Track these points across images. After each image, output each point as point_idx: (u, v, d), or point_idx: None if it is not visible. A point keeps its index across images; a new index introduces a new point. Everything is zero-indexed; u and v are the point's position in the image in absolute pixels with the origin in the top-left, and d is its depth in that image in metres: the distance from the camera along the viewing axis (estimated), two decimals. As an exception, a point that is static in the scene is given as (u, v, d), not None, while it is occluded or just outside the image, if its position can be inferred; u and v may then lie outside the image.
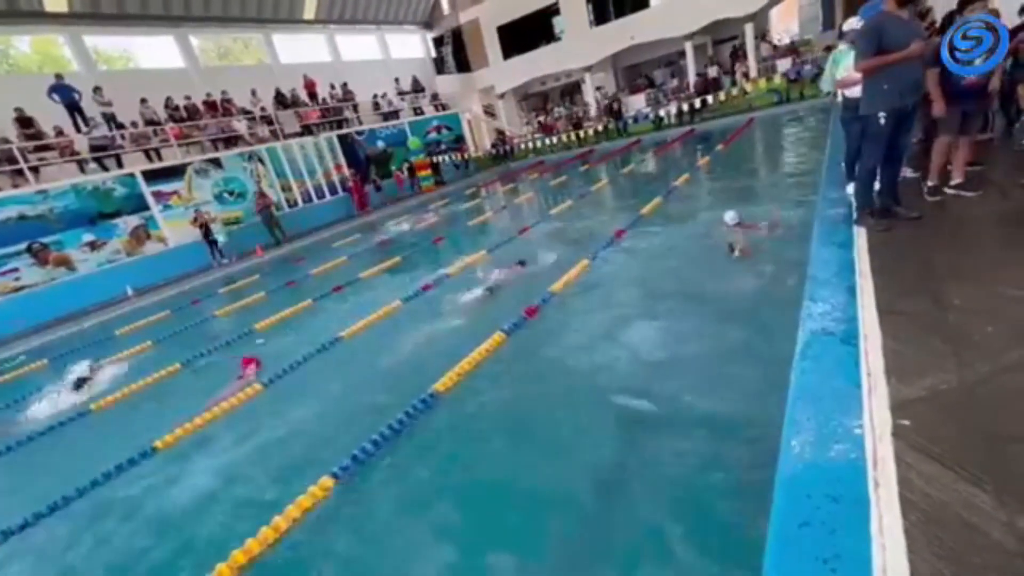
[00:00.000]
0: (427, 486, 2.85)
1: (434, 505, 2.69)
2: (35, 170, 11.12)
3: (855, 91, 4.18)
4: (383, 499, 2.80)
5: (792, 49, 17.20)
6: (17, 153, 10.78)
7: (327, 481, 2.82)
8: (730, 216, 5.56)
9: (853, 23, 4.54)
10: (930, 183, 3.98)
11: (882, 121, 3.44)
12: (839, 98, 5.06)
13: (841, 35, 5.06)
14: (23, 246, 10.43)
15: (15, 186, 10.75)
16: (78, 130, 12.16)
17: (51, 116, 11.78)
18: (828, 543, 1.45)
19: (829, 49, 10.38)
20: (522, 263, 6.31)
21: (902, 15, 3.31)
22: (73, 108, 12.11)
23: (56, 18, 13.04)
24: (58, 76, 12.08)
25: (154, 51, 15.66)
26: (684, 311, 4.17)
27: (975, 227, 3.39)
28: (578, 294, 5.11)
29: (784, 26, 21.70)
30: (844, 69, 4.66)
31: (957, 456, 1.59)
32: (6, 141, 10.98)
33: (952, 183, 3.99)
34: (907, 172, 4.69)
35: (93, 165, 12.02)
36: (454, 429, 3.34)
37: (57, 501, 3.36)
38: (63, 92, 11.93)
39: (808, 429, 1.88)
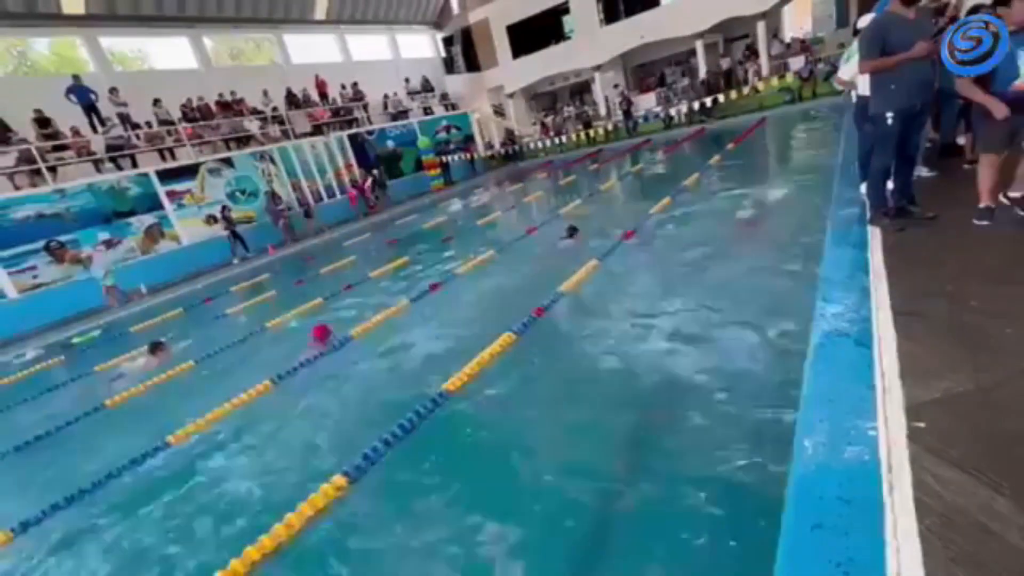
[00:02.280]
0: (437, 485, 2.87)
1: (446, 504, 2.71)
2: (53, 170, 11.33)
3: (867, 90, 4.14)
4: (395, 497, 2.82)
5: (805, 47, 17.00)
6: (35, 153, 10.99)
7: (339, 480, 2.84)
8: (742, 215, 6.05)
9: (868, 20, 4.49)
10: (981, 204, 3.35)
11: (889, 121, 3.40)
12: (853, 97, 5.00)
13: (856, 32, 5.00)
14: (41, 244, 10.63)
15: (33, 185, 10.96)
16: (94, 130, 12.36)
17: (68, 116, 11.99)
18: (841, 546, 1.43)
19: (843, 47, 10.26)
20: (572, 231, 6.80)
21: (908, 14, 3.28)
22: (89, 109, 12.31)
23: (73, 20, 13.26)
24: (75, 77, 12.29)
25: (168, 52, 15.88)
26: (694, 312, 4.14)
27: (992, 227, 3.33)
28: (587, 294, 5.10)
29: (797, 23, 21.46)
30: (850, 67, 4.61)
31: (974, 460, 1.57)
32: (25, 141, 11.20)
33: (1010, 194, 3.39)
34: (923, 171, 4.62)
35: (109, 165, 12.22)
36: (463, 428, 3.36)
37: (74, 494, 3.42)
38: (80, 93, 12.13)
39: (821, 431, 1.87)
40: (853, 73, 4.58)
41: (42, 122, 11.60)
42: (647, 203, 8.00)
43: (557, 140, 18.24)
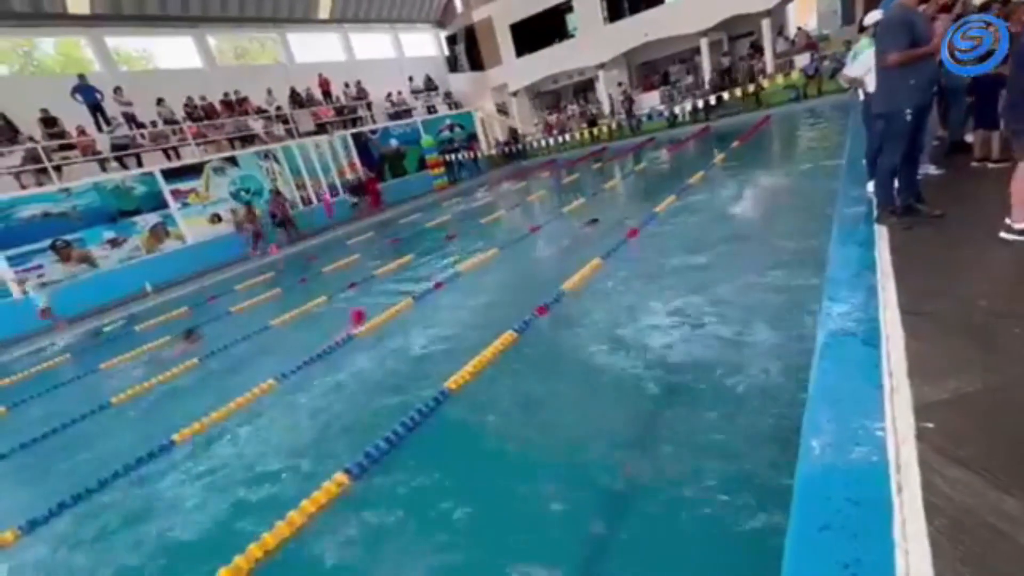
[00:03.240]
0: (439, 482, 2.86)
1: (447, 502, 2.70)
2: (58, 169, 11.38)
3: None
4: (397, 495, 2.82)
5: (810, 43, 16.88)
6: (41, 152, 11.05)
7: (341, 477, 2.84)
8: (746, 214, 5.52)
9: (876, 17, 4.45)
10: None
11: (908, 118, 3.38)
12: (860, 95, 4.96)
13: (862, 29, 4.95)
14: (47, 243, 10.69)
15: (40, 184, 11.03)
16: (100, 130, 12.42)
17: (74, 116, 12.05)
18: (849, 547, 1.42)
19: (849, 44, 10.19)
20: (593, 221, 7.52)
21: (918, 9, 3.30)
22: (95, 108, 12.37)
23: (79, 20, 13.32)
24: (81, 77, 12.35)
25: (173, 51, 15.92)
26: (697, 310, 4.12)
27: (1002, 225, 3.30)
28: (590, 293, 5.08)
29: (802, 21, 21.33)
30: (859, 65, 4.57)
31: (984, 460, 1.55)
32: (31, 140, 11.26)
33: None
34: (931, 169, 4.59)
35: (114, 164, 12.28)
36: (466, 426, 3.35)
37: (80, 492, 3.43)
38: (86, 92, 12.19)
39: (828, 431, 1.84)
40: (862, 71, 4.55)
41: (48, 121, 11.66)
42: (651, 202, 7.97)
43: (561, 139, 18.21)
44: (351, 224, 14.77)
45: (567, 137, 17.92)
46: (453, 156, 18.74)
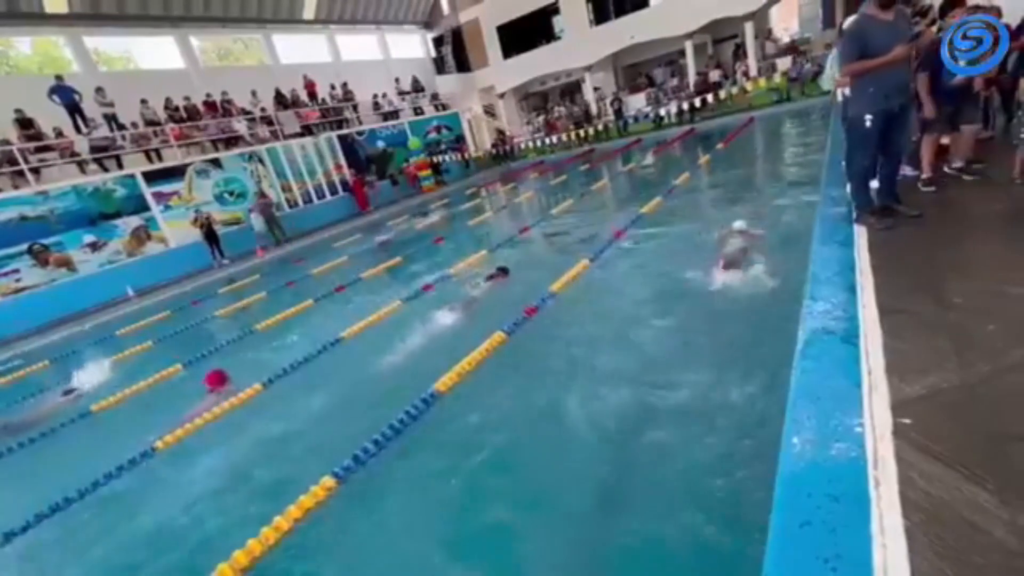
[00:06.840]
0: (427, 485, 2.85)
1: (435, 505, 2.69)
2: (36, 171, 11.13)
3: None
4: (384, 498, 2.80)
5: (793, 48, 17.17)
6: (18, 154, 10.79)
7: (328, 481, 2.81)
8: (738, 224, 5.30)
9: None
10: (923, 176, 4.23)
11: (867, 124, 3.44)
12: (839, 97, 5.05)
13: (842, 33, 5.05)
14: (24, 247, 10.44)
15: (16, 187, 10.77)
16: (78, 131, 12.16)
17: (51, 117, 11.79)
18: (829, 542, 1.44)
19: (829, 47, 10.38)
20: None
21: (886, 17, 3.29)
22: (73, 109, 12.10)
23: (56, 19, 13.04)
24: (58, 77, 12.07)
25: (154, 52, 15.66)
26: (683, 308, 4.16)
27: (977, 225, 3.38)
28: (578, 293, 5.10)
29: (784, 24, 21.67)
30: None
31: (959, 455, 1.58)
32: (7, 142, 10.99)
33: (952, 165, 4.28)
34: (907, 171, 4.67)
35: (93, 166, 12.03)
36: (454, 428, 3.34)
37: (59, 501, 3.35)
38: (63, 93, 11.93)
39: (809, 428, 1.87)
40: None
41: (24, 123, 11.39)
42: (638, 203, 8.03)
43: (548, 140, 18.24)
44: (342, 225, 14.65)
45: (553, 139, 17.96)
46: (440, 158, 18.70)
